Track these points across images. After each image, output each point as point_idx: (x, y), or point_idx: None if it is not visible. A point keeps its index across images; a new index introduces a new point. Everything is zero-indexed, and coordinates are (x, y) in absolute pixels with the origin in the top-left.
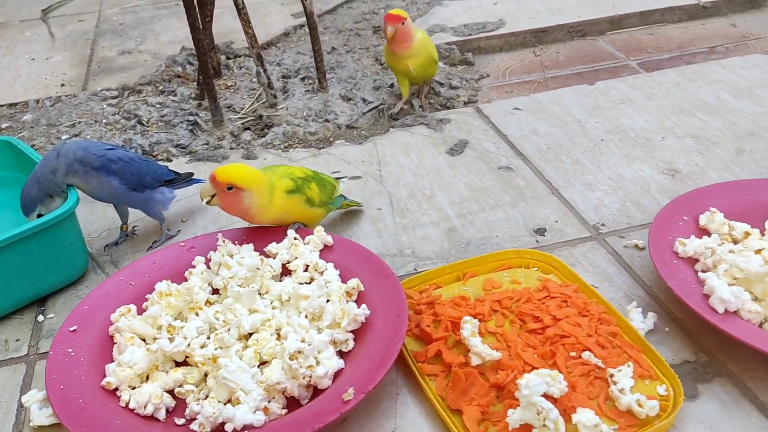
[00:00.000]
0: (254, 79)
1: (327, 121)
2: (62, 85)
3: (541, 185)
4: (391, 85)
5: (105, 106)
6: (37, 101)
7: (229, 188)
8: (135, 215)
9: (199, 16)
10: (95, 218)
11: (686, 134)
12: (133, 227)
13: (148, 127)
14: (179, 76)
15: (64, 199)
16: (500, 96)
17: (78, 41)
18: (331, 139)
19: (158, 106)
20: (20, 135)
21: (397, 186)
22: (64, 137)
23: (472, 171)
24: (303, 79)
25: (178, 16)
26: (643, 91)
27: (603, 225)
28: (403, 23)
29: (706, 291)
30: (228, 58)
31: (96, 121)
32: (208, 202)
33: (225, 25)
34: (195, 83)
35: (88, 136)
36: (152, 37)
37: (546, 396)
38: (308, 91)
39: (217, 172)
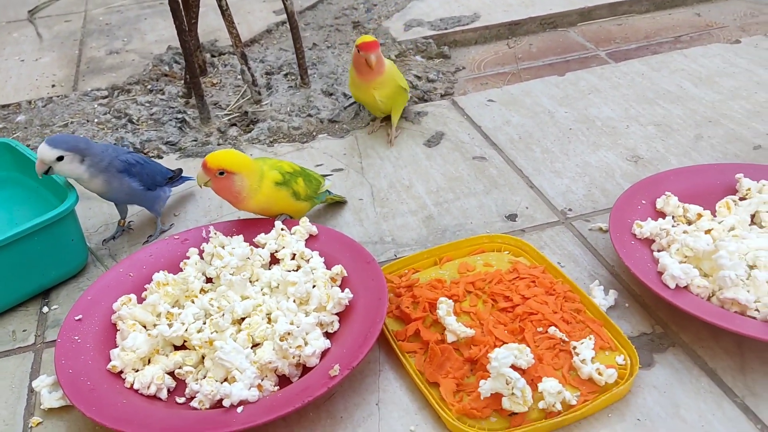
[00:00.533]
0: (239, 77)
1: (310, 116)
2: (53, 85)
3: (513, 173)
4: None
5: (96, 105)
6: (29, 102)
7: (221, 173)
8: (131, 210)
9: (185, 18)
10: (92, 215)
11: (649, 122)
12: (129, 222)
13: (138, 125)
14: (166, 75)
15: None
16: (475, 88)
17: (66, 42)
18: (314, 133)
19: (147, 104)
20: (14, 135)
21: (378, 177)
22: None
23: (448, 161)
24: (286, 75)
25: (163, 16)
26: (610, 81)
27: (570, 210)
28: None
29: (659, 269)
30: (213, 56)
31: (88, 121)
32: (204, 185)
33: (209, 24)
34: (182, 82)
35: (81, 136)
36: (138, 37)
37: (514, 367)
38: (291, 87)
39: (208, 158)
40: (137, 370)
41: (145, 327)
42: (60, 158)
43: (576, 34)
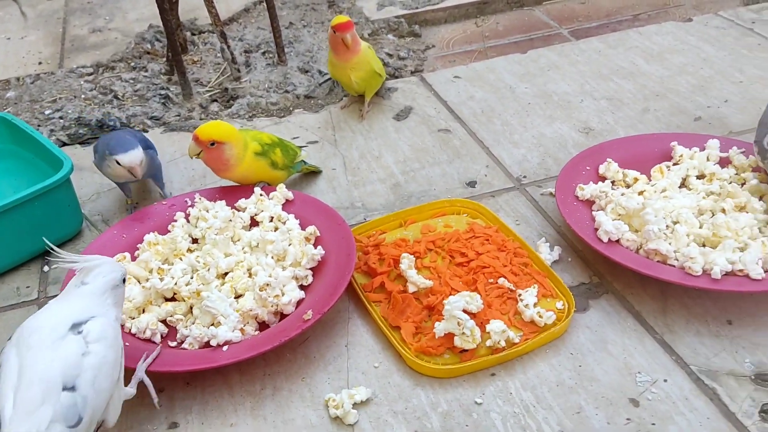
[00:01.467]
0: (219, 54)
1: (287, 92)
2: (40, 63)
3: (474, 144)
4: None
5: (82, 82)
6: (18, 79)
7: (212, 144)
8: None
9: None
10: (84, 184)
11: (602, 96)
12: (135, 202)
13: (123, 101)
14: (149, 53)
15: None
16: (444, 65)
17: (49, 20)
18: (291, 109)
19: (131, 81)
20: (6, 110)
21: (350, 149)
22: (47, 112)
23: (416, 134)
24: (264, 53)
25: None
26: (569, 58)
27: (525, 177)
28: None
29: (596, 225)
30: (193, 35)
31: (75, 97)
32: (193, 157)
33: (189, 2)
34: (164, 59)
35: (69, 111)
36: (120, 15)
37: (466, 312)
38: (269, 64)
39: (198, 132)
40: (133, 318)
41: (138, 281)
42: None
43: (541, 12)
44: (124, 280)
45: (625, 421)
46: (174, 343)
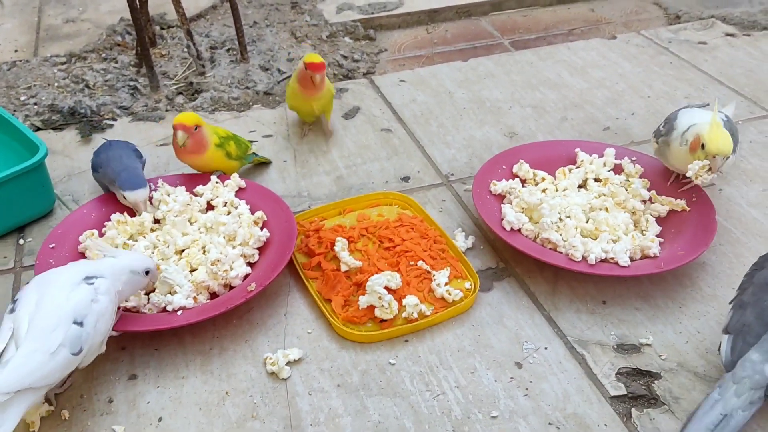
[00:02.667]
0: (185, 50)
1: (248, 88)
2: (15, 51)
3: (412, 144)
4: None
5: (56, 71)
6: None
7: (196, 128)
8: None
9: None
10: (57, 167)
11: (528, 104)
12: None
13: (94, 90)
14: (119, 45)
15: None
16: (393, 68)
17: (25, 9)
18: (251, 104)
19: (102, 71)
20: None
21: (301, 143)
22: (22, 98)
23: (361, 132)
24: (228, 50)
25: None
26: (505, 67)
27: (452, 174)
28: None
29: (502, 216)
30: (162, 29)
31: (49, 85)
32: (182, 145)
33: None
34: (133, 52)
35: (44, 98)
36: (93, 7)
37: (387, 288)
38: (232, 61)
39: (184, 120)
40: None
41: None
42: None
43: (487, 23)
44: (147, 272)
45: (509, 379)
46: (135, 309)
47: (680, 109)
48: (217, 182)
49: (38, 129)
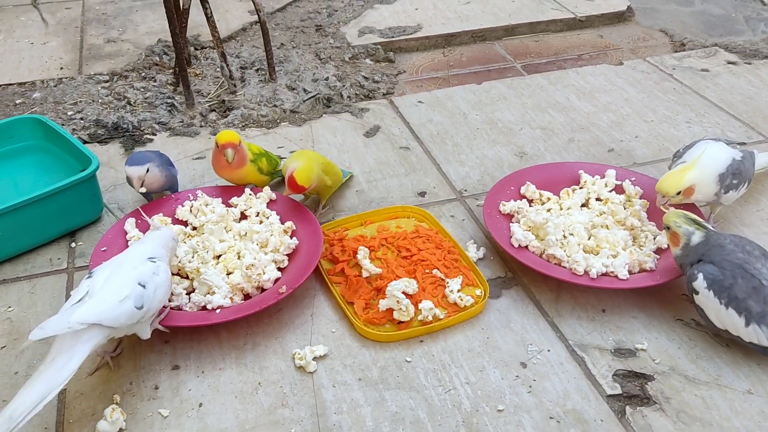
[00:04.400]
0: (218, 69)
1: (275, 106)
2: (61, 68)
3: (428, 161)
4: (327, 78)
5: (99, 88)
6: (43, 81)
7: (239, 144)
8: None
9: (177, 24)
10: (103, 177)
11: (538, 126)
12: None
13: (135, 107)
14: (157, 65)
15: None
16: (412, 90)
17: (68, 28)
18: (278, 121)
19: (142, 89)
20: (32, 110)
21: None
22: (69, 113)
23: (381, 149)
24: (257, 70)
25: (153, 8)
26: (516, 90)
27: (465, 191)
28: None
29: (511, 234)
30: (196, 50)
31: (93, 101)
32: (231, 161)
33: (193, 20)
34: (171, 71)
35: (89, 114)
36: (132, 28)
37: (405, 293)
38: (261, 81)
39: (231, 138)
40: None
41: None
42: (147, 170)
43: (500, 47)
44: (174, 239)
45: (515, 377)
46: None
47: (701, 140)
48: (250, 194)
49: (85, 142)
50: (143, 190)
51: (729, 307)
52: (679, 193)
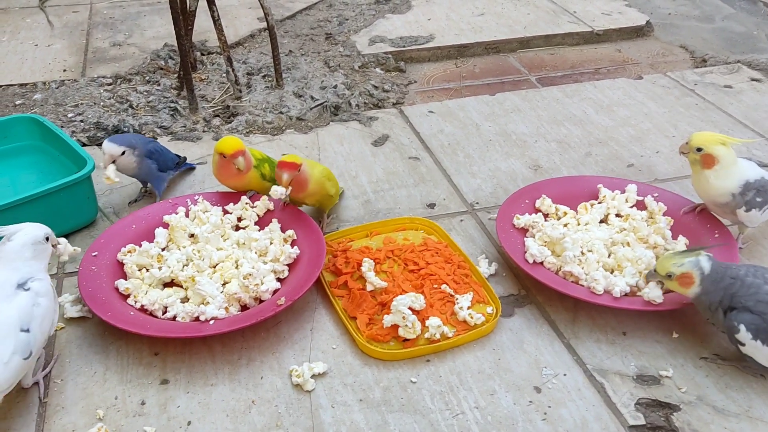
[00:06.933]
0: (224, 75)
1: (281, 113)
2: (64, 70)
3: (438, 172)
4: (335, 86)
5: (102, 91)
6: (44, 83)
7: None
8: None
9: (183, 26)
10: (99, 180)
11: (553, 139)
12: (145, 190)
13: (137, 110)
14: (162, 69)
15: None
16: (422, 100)
17: (74, 31)
18: (284, 128)
19: (145, 93)
20: (32, 111)
21: (331, 168)
22: (69, 115)
23: (389, 159)
24: (264, 76)
25: (160, 14)
26: (531, 103)
27: (477, 203)
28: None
29: (525, 249)
30: (202, 54)
31: (95, 104)
32: (243, 168)
33: (200, 25)
34: (175, 75)
35: (90, 116)
36: (138, 32)
37: (412, 309)
38: (267, 87)
39: (235, 144)
40: (146, 293)
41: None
42: (123, 153)
43: (514, 59)
44: (47, 239)
45: (528, 403)
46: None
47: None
48: (247, 202)
49: (84, 145)
50: (111, 169)
51: None
52: (700, 150)
